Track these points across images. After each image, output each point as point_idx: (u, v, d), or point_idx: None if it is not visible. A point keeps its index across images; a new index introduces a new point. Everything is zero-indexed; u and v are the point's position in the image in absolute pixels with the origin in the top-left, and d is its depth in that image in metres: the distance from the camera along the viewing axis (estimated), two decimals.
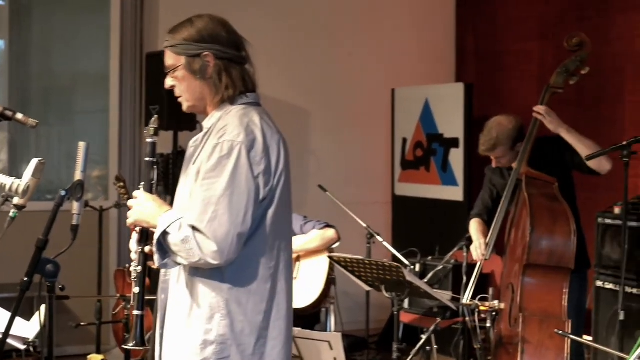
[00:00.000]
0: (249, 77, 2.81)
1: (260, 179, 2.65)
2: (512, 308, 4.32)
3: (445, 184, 7.04)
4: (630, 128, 6.12)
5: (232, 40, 2.77)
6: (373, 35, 7.71)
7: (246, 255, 2.65)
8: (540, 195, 4.40)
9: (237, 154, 2.61)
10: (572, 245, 4.27)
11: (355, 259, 4.30)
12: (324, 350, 4.68)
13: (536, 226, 4.25)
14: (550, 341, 4.13)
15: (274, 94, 7.17)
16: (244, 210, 2.59)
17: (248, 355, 2.67)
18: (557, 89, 4.63)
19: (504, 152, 4.63)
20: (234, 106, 2.74)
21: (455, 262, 5.62)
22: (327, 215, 6.09)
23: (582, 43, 4.61)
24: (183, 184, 2.77)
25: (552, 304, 4.27)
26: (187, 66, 2.74)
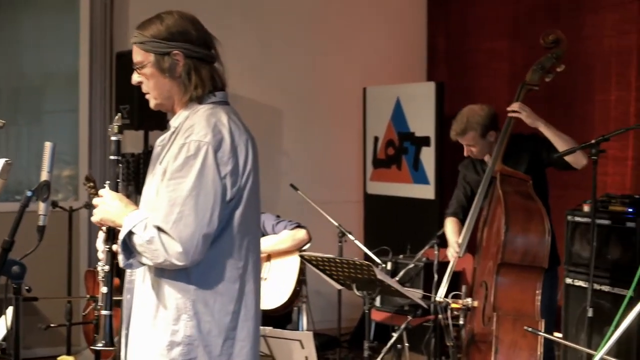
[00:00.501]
0: (218, 75, 2.79)
1: (227, 180, 2.63)
2: (486, 306, 4.32)
3: (416, 183, 7.06)
4: (599, 126, 6.16)
5: (202, 38, 2.75)
6: (344, 34, 7.72)
7: (213, 256, 2.64)
8: (515, 193, 4.40)
9: (203, 154, 2.59)
10: (547, 245, 4.27)
11: (327, 258, 4.29)
12: (295, 349, 4.68)
13: (511, 225, 4.24)
14: (523, 341, 4.13)
15: (245, 93, 7.16)
16: (210, 211, 2.58)
17: (215, 356, 2.66)
18: (532, 86, 4.63)
19: (475, 138, 4.63)
20: (202, 105, 2.73)
21: (427, 260, 5.64)
22: (299, 214, 6.09)
23: (558, 40, 4.62)
24: (149, 184, 2.75)
25: (526, 303, 4.27)
26: (156, 64, 2.71)
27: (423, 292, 5.42)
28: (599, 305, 5.04)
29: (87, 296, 5.47)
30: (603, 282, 5.13)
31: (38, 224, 2.86)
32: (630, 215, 5.01)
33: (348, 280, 4.26)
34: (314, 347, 4.70)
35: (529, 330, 3.91)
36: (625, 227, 5.02)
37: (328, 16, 7.69)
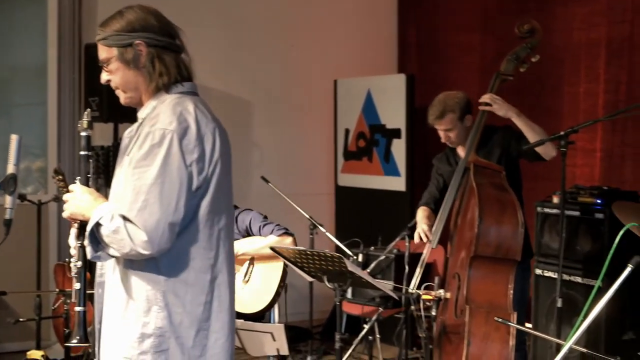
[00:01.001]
0: (184, 65, 2.78)
1: (193, 168, 2.61)
2: (458, 298, 4.30)
3: (387, 175, 7.07)
4: (569, 118, 6.21)
5: (164, 28, 2.74)
6: (315, 26, 7.71)
7: (181, 245, 2.63)
8: (489, 184, 4.37)
9: (168, 142, 2.58)
10: (520, 237, 4.24)
11: (298, 250, 4.28)
12: (266, 341, 4.68)
13: (485, 217, 4.21)
14: (496, 333, 4.11)
15: (216, 86, 7.13)
16: (175, 199, 2.56)
17: (188, 348, 2.65)
18: (507, 76, 4.61)
19: (453, 121, 4.61)
20: (169, 95, 2.71)
21: (398, 252, 5.66)
22: (270, 207, 6.07)
23: (533, 30, 4.60)
24: (118, 176, 2.73)
25: (498, 296, 4.23)
26: (120, 57, 2.70)
27: (394, 284, 5.44)
28: (569, 296, 5.09)
29: (57, 290, 5.43)
30: (572, 273, 5.17)
31: (5, 217, 2.83)
32: (599, 206, 5.05)
33: (319, 273, 4.25)
34: (285, 339, 4.70)
35: (499, 321, 3.92)
36: (594, 218, 5.06)
37: (299, 9, 7.68)
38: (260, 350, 4.80)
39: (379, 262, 5.58)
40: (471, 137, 4.55)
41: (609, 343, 4.95)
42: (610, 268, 3.97)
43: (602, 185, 5.51)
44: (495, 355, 4.12)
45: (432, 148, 5.03)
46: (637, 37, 5.81)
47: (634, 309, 4.95)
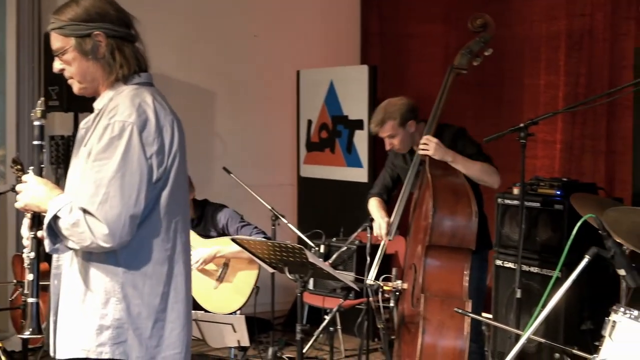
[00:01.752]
0: (140, 55, 2.76)
1: (153, 160, 2.60)
2: (415, 288, 4.34)
3: (350, 166, 7.08)
4: (529, 110, 6.25)
5: (121, 18, 2.72)
6: (278, 17, 7.69)
7: (141, 237, 2.62)
8: (443, 176, 4.40)
9: (128, 135, 2.56)
10: (474, 226, 4.27)
11: (259, 241, 4.28)
12: (227, 332, 4.68)
13: (439, 207, 4.25)
14: (451, 321, 4.15)
15: (178, 76, 7.09)
16: (136, 191, 2.55)
17: (145, 339, 2.65)
18: (460, 70, 4.63)
19: (394, 128, 4.62)
20: (126, 86, 2.70)
21: (359, 243, 5.66)
22: (232, 198, 6.06)
23: (485, 24, 4.62)
24: (74, 167, 2.71)
25: (453, 284, 4.29)
26: (78, 47, 2.67)
27: (355, 275, 5.45)
28: (528, 287, 5.14)
29: (14, 281, 5.38)
30: (532, 264, 5.22)
31: None
32: (559, 197, 5.11)
33: (280, 264, 4.24)
34: (245, 330, 4.70)
35: (459, 312, 3.95)
36: (553, 210, 5.11)
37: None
38: (220, 341, 4.80)
39: (341, 253, 5.58)
40: (427, 129, 4.58)
41: (568, 333, 5.01)
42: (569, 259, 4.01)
43: (562, 176, 5.57)
44: (450, 342, 4.16)
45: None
46: (596, 30, 5.86)
47: (592, 299, 5.01)
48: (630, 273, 2.97)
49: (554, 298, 2.99)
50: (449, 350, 4.17)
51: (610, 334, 3.15)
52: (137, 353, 2.64)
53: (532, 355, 5.18)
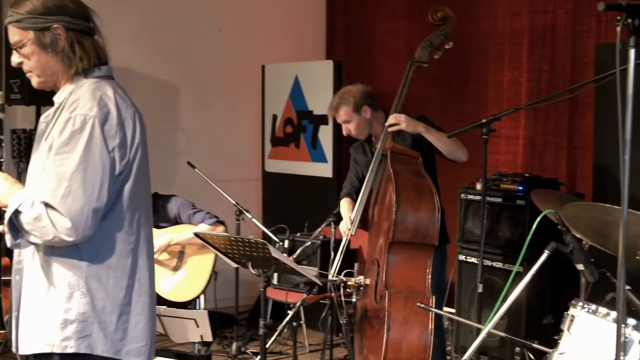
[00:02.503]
0: (100, 48, 2.75)
1: (115, 153, 2.60)
2: (378, 284, 4.35)
3: (314, 161, 7.08)
4: (493, 106, 6.29)
5: (80, 10, 2.70)
6: (244, 11, 7.66)
7: (104, 231, 2.62)
8: (406, 171, 4.42)
9: (90, 128, 2.55)
10: (437, 222, 4.30)
11: (222, 236, 4.27)
12: (190, 327, 4.67)
13: (402, 203, 4.26)
14: (415, 317, 4.17)
15: (142, 69, 7.05)
16: (98, 185, 2.55)
17: (110, 332, 2.66)
18: (421, 63, 4.66)
19: (348, 112, 4.68)
20: (86, 79, 2.69)
21: (324, 238, 5.67)
22: (196, 192, 6.04)
23: (446, 17, 4.65)
24: (35, 161, 2.70)
25: (417, 280, 4.30)
26: (36, 40, 2.65)
27: (318, 270, 5.46)
28: (491, 281, 5.18)
29: None
30: (494, 259, 5.26)
31: None
32: (520, 193, 5.15)
33: (244, 259, 4.24)
34: (209, 325, 4.69)
35: (422, 307, 3.98)
36: (515, 205, 5.16)
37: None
38: (183, 336, 4.79)
39: (305, 248, 5.59)
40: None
41: (529, 327, 5.06)
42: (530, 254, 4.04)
43: (524, 172, 5.62)
44: (415, 338, 4.18)
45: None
46: (558, 27, 5.91)
47: (553, 293, 5.06)
48: (589, 268, 3.02)
49: (513, 292, 3.03)
50: (413, 346, 4.19)
51: (568, 328, 3.20)
52: (102, 347, 2.64)
53: (494, 349, 5.23)
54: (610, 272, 3.84)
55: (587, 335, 3.15)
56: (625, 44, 2.30)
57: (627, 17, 2.25)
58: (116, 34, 2.82)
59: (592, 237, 3.19)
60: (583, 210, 3.06)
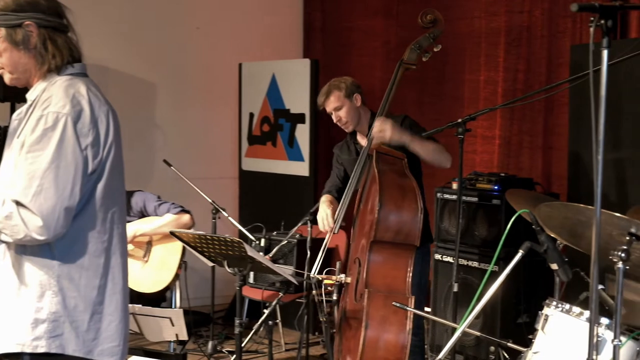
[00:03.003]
0: (73, 45, 2.72)
1: (88, 151, 2.58)
2: (358, 283, 4.36)
3: (291, 159, 7.07)
4: (469, 106, 6.31)
5: (52, 7, 2.68)
6: (221, 9, 7.64)
7: (76, 230, 2.60)
8: (390, 171, 4.42)
9: (62, 126, 2.54)
10: (419, 223, 4.29)
11: (198, 235, 4.26)
12: (165, 326, 4.65)
13: (385, 203, 4.26)
14: (394, 316, 4.17)
15: (118, 66, 7.01)
16: (71, 183, 2.53)
17: (82, 332, 2.63)
18: (410, 65, 4.67)
19: (340, 98, 4.69)
20: (59, 77, 2.66)
21: (300, 236, 5.66)
22: (173, 191, 6.03)
23: (435, 20, 4.67)
24: (7, 159, 2.67)
25: (397, 280, 4.30)
26: (8, 37, 2.63)
27: (294, 269, 5.46)
28: (467, 281, 5.20)
29: None
30: (470, 258, 5.28)
31: None
32: (496, 192, 5.17)
33: (219, 257, 4.24)
34: (184, 324, 4.68)
35: (397, 305, 3.98)
36: (491, 204, 5.18)
37: None
38: (158, 335, 4.77)
39: (281, 247, 5.59)
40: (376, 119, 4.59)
41: (505, 326, 5.08)
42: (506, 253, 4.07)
43: (500, 172, 5.64)
44: (393, 338, 4.19)
45: (336, 133, 5.06)
46: (534, 27, 5.94)
47: (529, 293, 5.09)
48: (562, 267, 3.03)
49: (488, 292, 3.04)
50: (391, 346, 4.20)
51: (542, 327, 3.21)
52: (74, 346, 2.62)
53: (470, 348, 5.25)
54: (584, 272, 3.86)
55: (560, 335, 3.17)
56: (599, 44, 2.32)
57: (600, 18, 2.26)
58: (92, 31, 2.81)
59: (566, 236, 3.20)
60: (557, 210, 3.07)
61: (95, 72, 2.79)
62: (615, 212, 2.74)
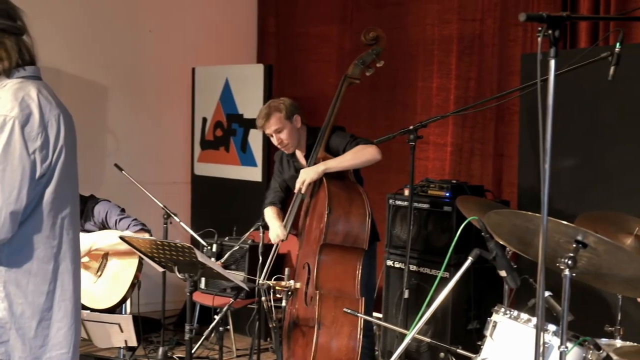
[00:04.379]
0: (26, 48, 2.67)
1: (36, 155, 2.54)
2: (308, 287, 4.42)
3: (244, 165, 7.06)
4: (422, 112, 6.35)
5: (3, 9, 2.63)
6: (174, 12, 7.60)
7: (24, 235, 2.56)
8: (337, 178, 4.54)
9: (9, 129, 2.49)
10: (367, 227, 4.42)
11: (148, 240, 4.23)
12: (114, 332, 4.61)
13: (334, 208, 4.37)
14: (344, 318, 4.28)
15: (69, 69, 6.94)
16: (17, 187, 2.49)
17: (29, 339, 2.59)
18: (354, 80, 4.78)
19: (281, 120, 4.70)
20: (10, 80, 2.62)
21: (252, 242, 5.65)
22: (124, 195, 5.97)
23: (378, 37, 4.78)
24: None
25: (346, 282, 4.41)
26: None
27: (245, 275, 5.45)
28: (418, 287, 5.22)
29: None
30: (422, 264, 5.30)
31: None
32: (447, 199, 5.21)
33: (170, 263, 4.22)
34: (133, 330, 4.64)
35: (348, 312, 4.02)
36: (442, 211, 5.21)
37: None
38: (107, 341, 4.73)
39: (233, 253, 5.57)
40: (320, 134, 4.68)
41: (455, 333, 5.11)
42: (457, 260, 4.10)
43: (452, 179, 5.68)
44: (345, 338, 4.28)
45: None
46: (486, 35, 5.99)
47: (479, 299, 5.13)
48: (511, 274, 3.05)
49: (437, 298, 3.05)
50: (343, 346, 4.28)
51: (491, 334, 3.24)
52: (20, 353, 2.58)
53: (423, 354, 5.27)
54: (533, 279, 3.89)
55: (508, 341, 3.20)
56: (547, 54, 2.34)
57: (547, 28, 2.28)
58: (44, 33, 2.76)
59: (515, 244, 3.23)
60: (505, 218, 3.09)
61: (47, 75, 2.75)
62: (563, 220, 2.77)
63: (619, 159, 4.70)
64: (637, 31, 5.03)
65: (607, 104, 4.74)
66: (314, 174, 4.53)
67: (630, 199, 4.60)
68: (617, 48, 3.37)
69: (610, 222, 3.89)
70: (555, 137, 2.36)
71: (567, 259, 2.67)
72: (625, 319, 3.78)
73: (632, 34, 5.03)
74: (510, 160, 5.77)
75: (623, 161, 4.68)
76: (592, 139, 4.83)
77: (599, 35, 5.15)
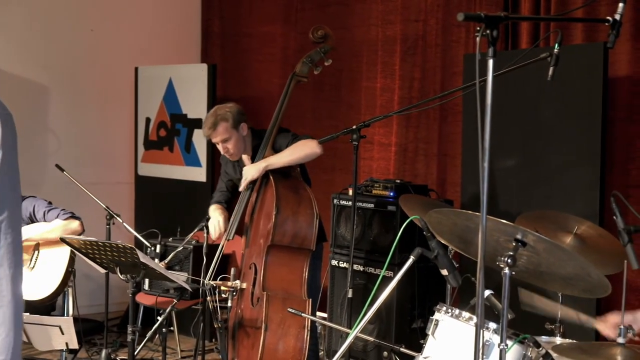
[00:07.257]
0: None
1: None
2: (255, 288, 4.41)
3: (188, 165, 7.01)
4: (366, 112, 6.37)
5: None
6: (117, 11, 7.52)
7: None
8: (285, 179, 4.55)
9: None
10: (315, 229, 4.45)
11: (89, 241, 4.18)
12: (54, 335, 4.55)
13: (282, 209, 4.38)
14: (292, 319, 4.30)
15: (9, 68, 6.83)
16: None
17: None
18: (302, 78, 4.80)
19: (228, 129, 4.69)
20: None
21: (196, 242, 5.62)
22: (66, 196, 5.89)
23: (326, 36, 4.80)
24: None
25: (293, 283, 4.42)
26: None
27: (190, 275, 5.41)
28: (363, 286, 5.23)
29: None
30: (366, 264, 5.32)
31: None
32: (391, 199, 5.23)
33: (112, 264, 4.18)
34: (74, 332, 4.59)
35: (293, 312, 4.02)
36: (387, 211, 5.23)
37: None
38: (47, 344, 4.66)
39: (177, 253, 5.52)
40: (267, 133, 4.68)
41: (399, 332, 5.14)
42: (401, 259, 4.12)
43: (396, 178, 5.70)
44: (292, 339, 4.30)
45: None
46: (429, 36, 6.04)
47: (424, 298, 5.16)
48: (452, 273, 3.08)
49: (380, 297, 3.06)
50: (289, 348, 4.30)
51: (433, 332, 3.25)
52: None
53: (370, 353, 5.28)
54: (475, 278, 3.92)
55: (450, 339, 3.22)
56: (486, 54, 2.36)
57: (485, 28, 2.30)
58: None
59: (456, 243, 3.26)
60: (446, 217, 3.12)
61: None
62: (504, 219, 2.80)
63: (560, 159, 4.77)
64: (576, 32, 5.11)
65: (548, 105, 4.81)
66: (255, 171, 4.53)
67: (570, 198, 4.67)
68: (556, 49, 3.42)
69: (549, 220, 3.94)
70: (497, 137, 2.38)
71: (507, 257, 2.69)
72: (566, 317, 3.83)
73: (571, 35, 5.10)
74: (454, 160, 5.82)
75: (563, 161, 4.75)
76: (534, 139, 4.90)
77: (539, 36, 5.22)
